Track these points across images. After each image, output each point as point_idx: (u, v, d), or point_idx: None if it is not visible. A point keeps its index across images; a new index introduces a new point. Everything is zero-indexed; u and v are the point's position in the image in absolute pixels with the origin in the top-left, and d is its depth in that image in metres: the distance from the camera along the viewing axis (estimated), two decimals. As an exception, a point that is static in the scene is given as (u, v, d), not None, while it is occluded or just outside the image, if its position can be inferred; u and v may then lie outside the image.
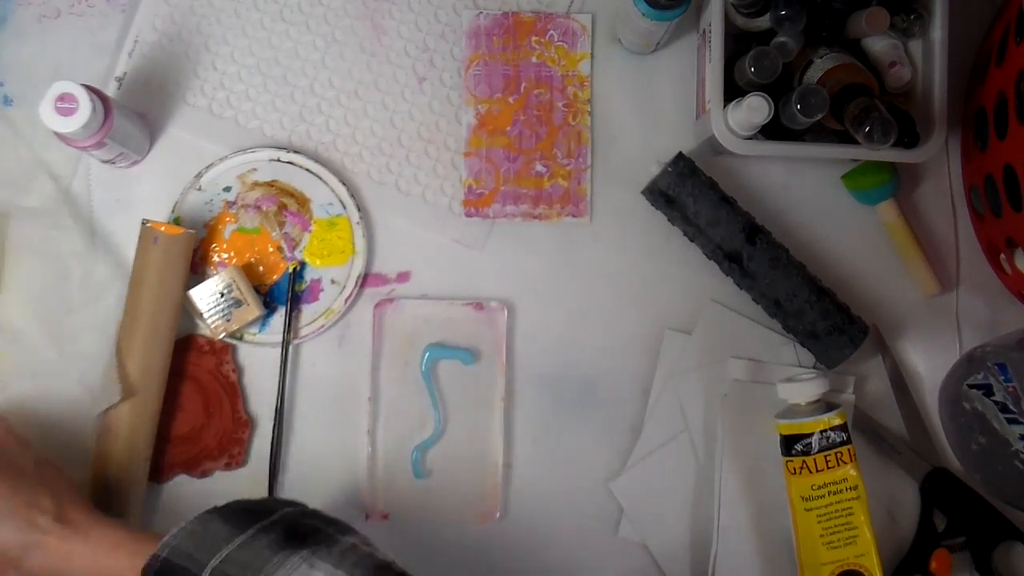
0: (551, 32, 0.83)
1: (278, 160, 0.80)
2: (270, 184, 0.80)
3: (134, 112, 0.78)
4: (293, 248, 0.79)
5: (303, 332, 0.79)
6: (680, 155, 0.79)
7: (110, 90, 0.80)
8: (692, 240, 0.80)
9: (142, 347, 0.74)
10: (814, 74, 0.76)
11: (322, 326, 0.79)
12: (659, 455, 0.79)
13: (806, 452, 0.73)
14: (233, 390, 0.78)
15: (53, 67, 0.80)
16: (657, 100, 0.83)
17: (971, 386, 0.77)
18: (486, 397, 0.79)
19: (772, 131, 0.76)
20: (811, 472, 0.73)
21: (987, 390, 0.76)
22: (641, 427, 0.80)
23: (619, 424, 0.80)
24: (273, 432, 0.77)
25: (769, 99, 0.72)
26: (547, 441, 0.80)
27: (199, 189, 0.79)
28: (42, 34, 0.81)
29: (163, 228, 0.74)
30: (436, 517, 0.78)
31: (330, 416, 0.79)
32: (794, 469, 0.74)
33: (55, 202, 0.77)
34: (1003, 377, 0.74)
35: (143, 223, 0.75)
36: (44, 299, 0.76)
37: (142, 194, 0.80)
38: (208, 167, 0.79)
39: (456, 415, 0.79)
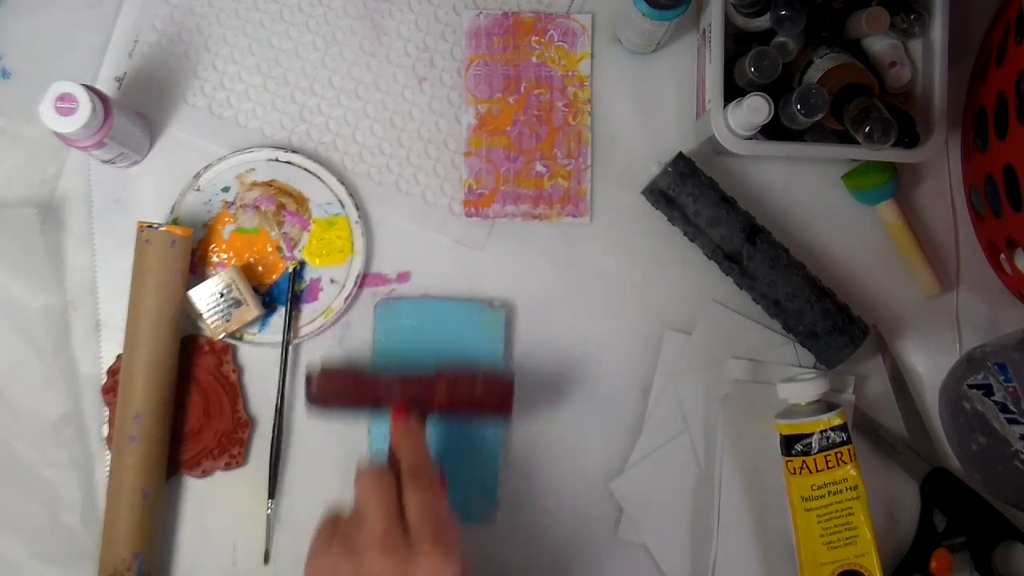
0: (551, 32, 0.83)
1: (276, 160, 0.80)
2: (268, 184, 0.80)
3: (134, 112, 0.78)
4: (292, 248, 0.79)
5: (303, 331, 0.79)
6: (680, 155, 0.79)
7: (110, 90, 0.80)
8: (692, 240, 0.80)
9: (147, 351, 0.74)
10: (814, 74, 0.76)
11: (321, 325, 0.79)
12: (659, 455, 0.79)
13: (806, 452, 0.73)
14: (233, 390, 0.78)
15: (51, 40, 0.80)
16: (657, 100, 0.83)
17: (971, 386, 0.77)
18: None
19: (772, 131, 0.76)
20: (811, 472, 0.73)
21: (987, 390, 0.76)
22: (641, 427, 0.80)
23: (619, 424, 0.80)
24: (273, 432, 0.77)
25: (769, 99, 0.72)
26: (547, 441, 0.80)
27: (198, 189, 0.79)
28: (41, 8, 0.81)
29: (160, 228, 0.74)
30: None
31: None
32: (794, 469, 0.74)
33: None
34: (1003, 377, 0.74)
35: (139, 224, 0.75)
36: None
37: (142, 194, 0.80)
38: (207, 167, 0.79)
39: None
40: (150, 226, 0.74)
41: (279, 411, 0.78)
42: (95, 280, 0.79)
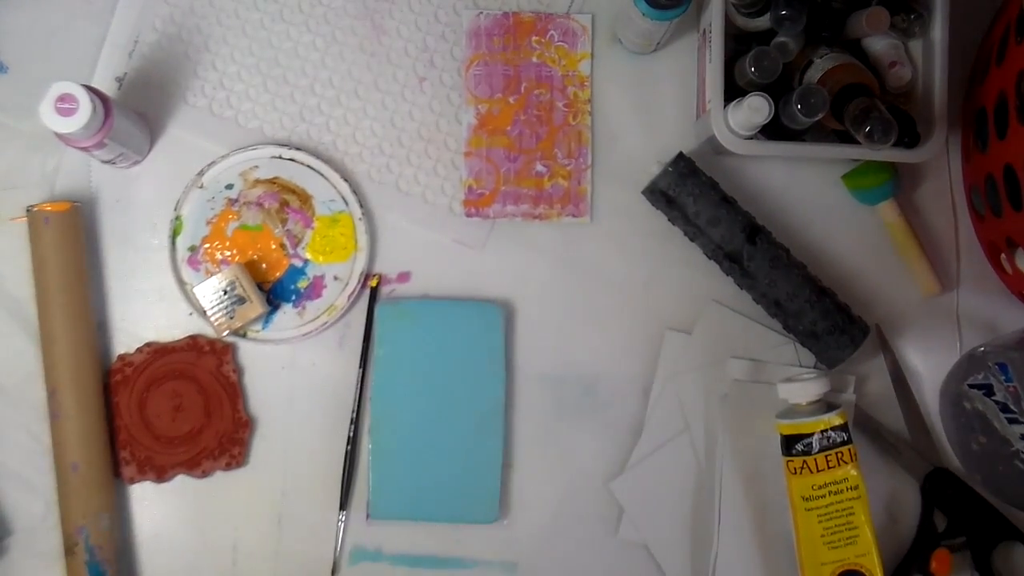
0: (551, 32, 0.83)
1: (280, 157, 0.80)
2: (272, 181, 0.80)
3: (134, 112, 0.78)
4: (295, 245, 0.79)
5: (306, 329, 0.79)
6: (680, 155, 0.79)
7: (110, 90, 0.80)
8: (692, 240, 0.80)
9: (63, 334, 0.74)
10: (814, 74, 0.76)
11: (325, 323, 0.79)
12: (659, 455, 0.79)
13: (807, 452, 0.73)
14: (233, 390, 0.78)
15: (49, 35, 0.80)
16: (657, 100, 0.83)
17: (972, 386, 0.77)
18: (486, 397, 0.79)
19: (772, 131, 0.76)
20: (812, 472, 0.73)
21: (988, 390, 0.76)
22: (641, 427, 0.80)
23: (619, 424, 0.80)
24: (347, 446, 0.78)
25: (769, 99, 0.72)
26: (547, 441, 0.80)
27: (201, 187, 0.79)
28: (39, 2, 0.80)
29: (49, 208, 0.74)
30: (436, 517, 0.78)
31: (331, 416, 0.79)
32: (795, 469, 0.74)
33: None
34: (1003, 377, 0.74)
35: (28, 209, 0.75)
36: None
37: (142, 194, 0.80)
38: (210, 164, 0.79)
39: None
40: (39, 208, 0.74)
41: (354, 423, 0.78)
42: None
